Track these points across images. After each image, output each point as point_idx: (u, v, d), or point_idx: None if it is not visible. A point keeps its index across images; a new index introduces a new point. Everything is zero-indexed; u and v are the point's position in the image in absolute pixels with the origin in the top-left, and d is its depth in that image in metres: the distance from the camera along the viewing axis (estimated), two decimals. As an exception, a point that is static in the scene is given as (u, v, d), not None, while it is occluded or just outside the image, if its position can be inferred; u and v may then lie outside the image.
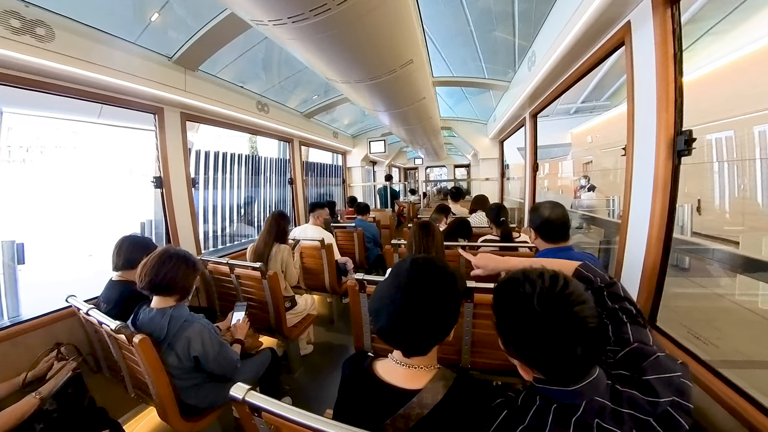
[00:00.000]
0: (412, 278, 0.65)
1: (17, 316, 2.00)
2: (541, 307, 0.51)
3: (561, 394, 0.55)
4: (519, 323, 0.54)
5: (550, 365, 0.53)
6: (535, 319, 0.51)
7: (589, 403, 0.53)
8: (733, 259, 1.73)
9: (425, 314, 0.63)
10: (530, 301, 0.52)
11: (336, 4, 1.19)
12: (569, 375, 0.54)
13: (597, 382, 0.54)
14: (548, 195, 7.73)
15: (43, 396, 1.13)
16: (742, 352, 1.67)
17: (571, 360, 0.51)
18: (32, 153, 5.08)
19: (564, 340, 0.50)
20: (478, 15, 2.37)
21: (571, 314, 0.51)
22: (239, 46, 2.27)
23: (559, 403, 0.55)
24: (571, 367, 0.52)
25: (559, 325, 0.50)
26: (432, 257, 0.70)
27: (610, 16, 1.29)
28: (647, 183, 1.14)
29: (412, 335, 0.64)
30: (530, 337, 0.53)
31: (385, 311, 0.64)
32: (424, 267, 0.67)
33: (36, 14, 1.40)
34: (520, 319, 0.54)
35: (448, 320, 0.66)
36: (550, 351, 0.51)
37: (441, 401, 0.62)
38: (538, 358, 0.54)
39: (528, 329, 0.53)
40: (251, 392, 0.67)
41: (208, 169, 3.33)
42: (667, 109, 1.06)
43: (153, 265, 1.17)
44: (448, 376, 0.66)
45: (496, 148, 4.81)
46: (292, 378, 2.06)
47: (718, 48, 3.76)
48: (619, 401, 0.53)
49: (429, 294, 0.64)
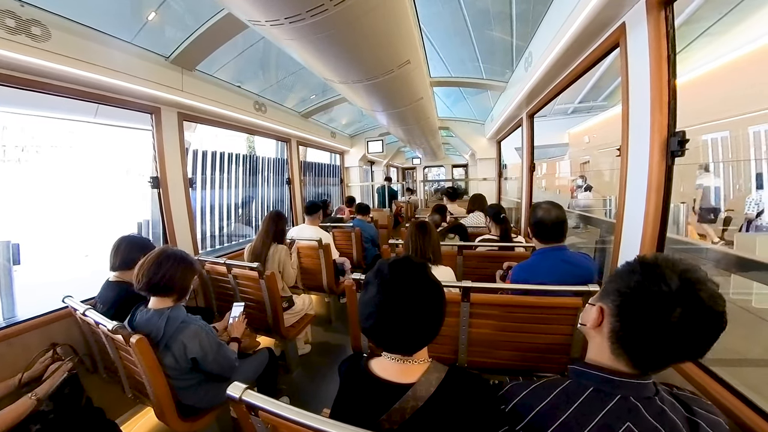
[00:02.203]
0: (390, 280, 0.66)
1: (13, 317, 1.99)
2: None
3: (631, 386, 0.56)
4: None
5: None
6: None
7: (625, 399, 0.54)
8: (728, 258, 1.74)
9: (407, 314, 0.64)
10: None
11: (333, 5, 1.19)
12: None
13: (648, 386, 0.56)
14: (546, 195, 7.77)
15: (40, 397, 1.13)
16: (736, 350, 1.70)
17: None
18: (28, 152, 5.05)
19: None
20: (475, 15, 2.37)
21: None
22: (236, 46, 2.27)
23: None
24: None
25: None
26: (409, 257, 0.72)
27: (605, 17, 1.30)
28: (641, 183, 1.15)
29: (396, 336, 0.66)
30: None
31: (369, 313, 0.66)
32: (402, 267, 0.68)
33: (31, 13, 1.39)
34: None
35: (432, 320, 0.67)
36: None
37: (435, 393, 0.63)
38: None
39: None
40: (248, 391, 0.67)
41: (206, 169, 3.32)
42: (660, 111, 1.07)
43: (151, 265, 1.17)
44: (440, 369, 0.68)
45: (494, 148, 4.82)
46: (289, 378, 2.06)
47: (714, 49, 3.79)
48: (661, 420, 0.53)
49: (409, 294, 0.65)
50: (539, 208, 1.38)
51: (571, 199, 6.87)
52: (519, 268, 1.41)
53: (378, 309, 0.65)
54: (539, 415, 0.59)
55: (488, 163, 5.00)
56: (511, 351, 1.26)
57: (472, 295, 1.22)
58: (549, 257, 1.35)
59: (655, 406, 0.53)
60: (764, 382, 1.23)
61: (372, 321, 0.66)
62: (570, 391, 0.59)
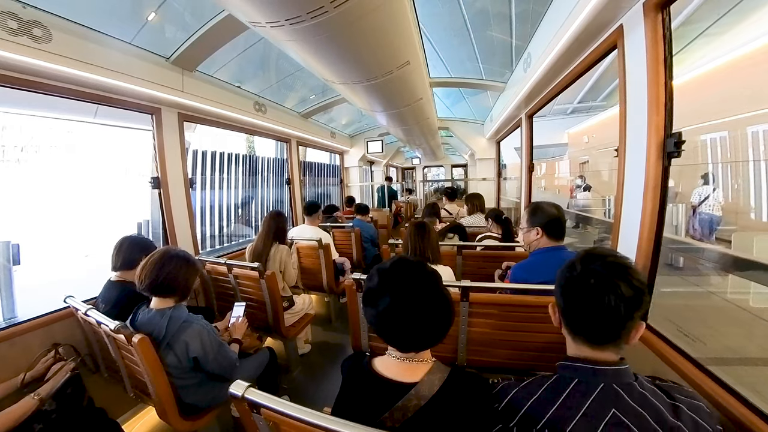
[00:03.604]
0: (395, 279, 0.68)
1: (13, 317, 2.00)
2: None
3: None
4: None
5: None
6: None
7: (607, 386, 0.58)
8: (725, 258, 1.76)
9: (416, 313, 0.65)
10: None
11: (333, 7, 1.20)
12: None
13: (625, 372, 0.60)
14: (545, 195, 7.78)
15: (42, 396, 1.14)
16: (733, 348, 1.71)
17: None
18: (27, 152, 5.04)
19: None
20: (474, 15, 2.38)
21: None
22: (236, 46, 2.27)
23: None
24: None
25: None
26: (405, 257, 0.74)
27: (603, 19, 1.31)
28: (638, 183, 1.16)
29: (404, 333, 0.67)
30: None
31: (375, 311, 0.67)
32: (405, 268, 0.70)
33: (33, 15, 1.40)
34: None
35: (440, 318, 0.68)
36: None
37: (438, 392, 0.64)
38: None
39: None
40: (251, 389, 0.68)
41: (206, 169, 3.33)
42: (657, 112, 1.08)
43: (154, 265, 1.18)
44: (443, 369, 0.69)
45: (493, 148, 4.83)
46: (289, 377, 2.07)
47: (711, 50, 3.81)
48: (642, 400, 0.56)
49: (416, 293, 0.66)
50: (548, 206, 1.38)
51: (570, 198, 6.89)
52: (518, 268, 1.42)
53: (386, 307, 0.66)
54: (531, 409, 0.61)
55: (487, 163, 5.01)
56: (510, 350, 1.27)
57: (472, 294, 1.23)
58: (549, 257, 1.35)
59: (636, 392, 0.57)
60: (760, 380, 1.25)
61: (377, 318, 0.67)
62: (557, 386, 0.62)
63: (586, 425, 0.55)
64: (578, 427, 0.55)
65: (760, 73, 3.37)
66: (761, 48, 3.34)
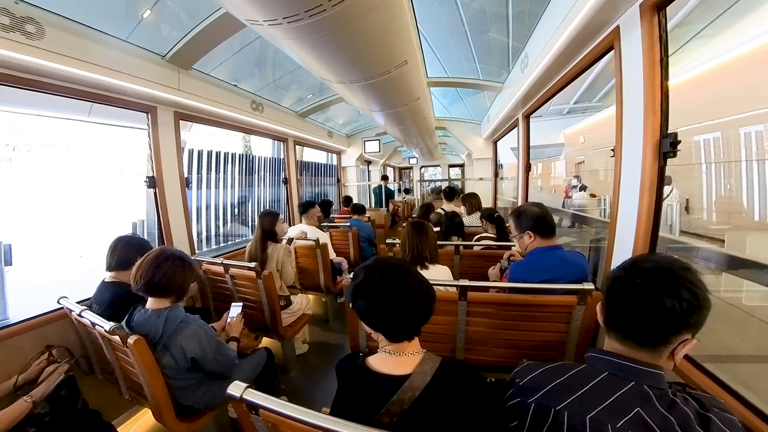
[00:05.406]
0: (382, 279, 0.71)
1: (5, 318, 1.97)
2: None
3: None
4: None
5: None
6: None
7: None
8: (719, 257, 1.77)
9: (399, 302, 0.69)
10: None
11: (332, 6, 1.20)
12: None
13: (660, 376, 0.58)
14: (541, 195, 7.82)
15: (35, 399, 1.12)
16: (727, 346, 1.73)
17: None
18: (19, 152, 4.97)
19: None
20: (472, 16, 2.39)
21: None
22: (233, 45, 2.26)
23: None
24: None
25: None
26: (385, 258, 0.78)
27: (600, 20, 1.32)
28: (635, 183, 1.17)
29: (392, 320, 0.70)
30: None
31: (364, 302, 0.71)
32: (384, 263, 0.75)
33: (26, 11, 1.38)
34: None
35: (418, 305, 0.71)
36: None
37: (431, 381, 0.66)
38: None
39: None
40: (249, 390, 0.67)
41: (202, 169, 3.30)
42: (653, 113, 1.09)
43: (150, 266, 1.16)
44: (434, 359, 0.71)
45: (490, 148, 4.85)
46: (287, 377, 2.06)
47: (707, 51, 3.84)
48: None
49: (400, 287, 0.70)
50: (532, 206, 1.38)
51: (565, 198, 6.93)
52: (516, 267, 1.43)
53: (373, 299, 0.69)
54: (553, 390, 0.62)
55: (484, 163, 5.03)
56: (507, 349, 1.27)
57: (469, 293, 1.23)
58: (545, 256, 1.36)
59: (667, 398, 0.56)
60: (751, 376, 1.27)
61: (366, 306, 0.71)
62: (585, 374, 0.62)
63: (608, 416, 0.55)
64: (600, 415, 0.55)
65: (755, 74, 3.41)
66: (756, 49, 3.38)
